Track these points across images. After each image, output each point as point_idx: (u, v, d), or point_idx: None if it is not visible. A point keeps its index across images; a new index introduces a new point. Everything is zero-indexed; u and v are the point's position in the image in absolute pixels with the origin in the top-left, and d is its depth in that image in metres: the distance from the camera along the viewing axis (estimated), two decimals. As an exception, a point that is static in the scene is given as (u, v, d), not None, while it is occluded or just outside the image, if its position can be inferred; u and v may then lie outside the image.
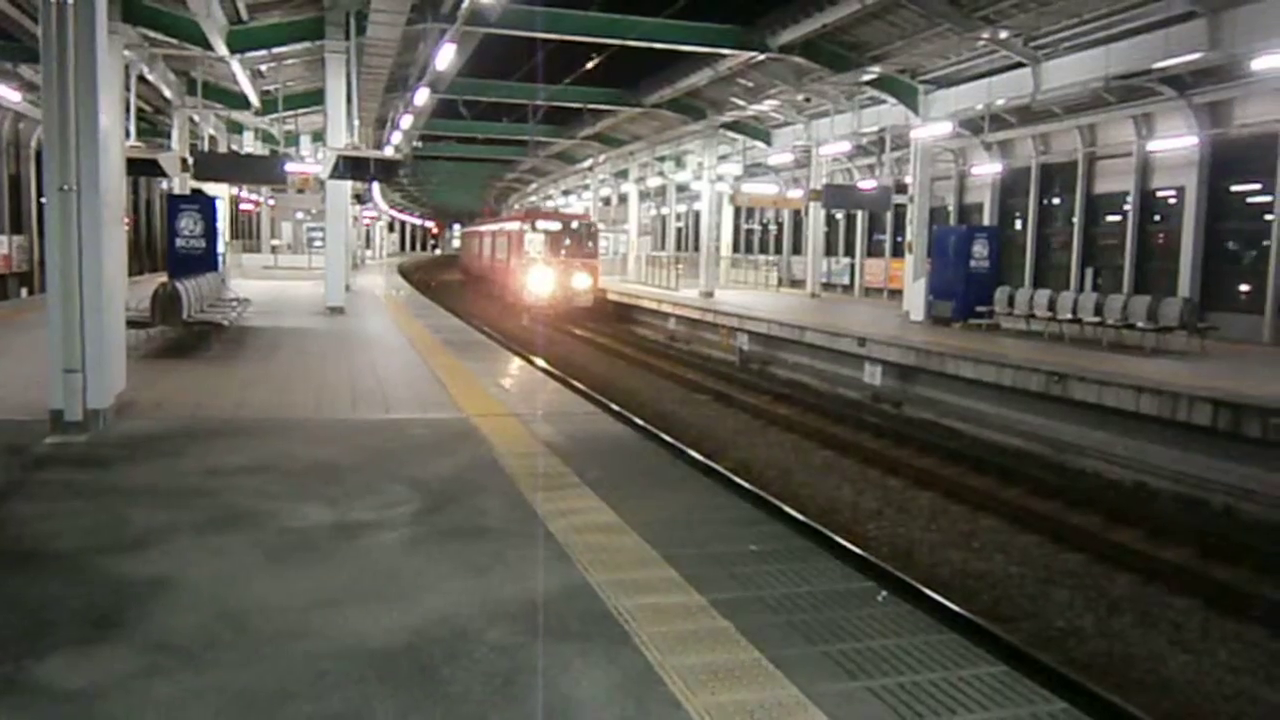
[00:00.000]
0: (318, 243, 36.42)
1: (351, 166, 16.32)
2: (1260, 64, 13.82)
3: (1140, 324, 15.07)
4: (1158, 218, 20.03)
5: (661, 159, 37.83)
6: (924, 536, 8.82)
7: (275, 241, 41.17)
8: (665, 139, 33.66)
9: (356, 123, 21.97)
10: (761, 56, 21.01)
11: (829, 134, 24.86)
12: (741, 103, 26.90)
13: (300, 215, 43.75)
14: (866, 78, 21.01)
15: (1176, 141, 18.69)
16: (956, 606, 6.78)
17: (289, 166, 19.40)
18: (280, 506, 5.31)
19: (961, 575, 7.85)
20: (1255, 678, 6.08)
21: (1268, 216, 17.08)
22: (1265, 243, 17.09)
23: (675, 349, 22.55)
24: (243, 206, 36.83)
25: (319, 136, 25.53)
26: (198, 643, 3.56)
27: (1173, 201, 19.41)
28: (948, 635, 3.90)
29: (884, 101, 21.95)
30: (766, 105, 26.65)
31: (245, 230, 41.54)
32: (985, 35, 17.38)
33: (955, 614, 6.60)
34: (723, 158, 31.85)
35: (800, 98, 24.72)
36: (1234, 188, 18.09)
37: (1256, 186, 17.52)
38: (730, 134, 30.02)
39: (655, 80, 27.31)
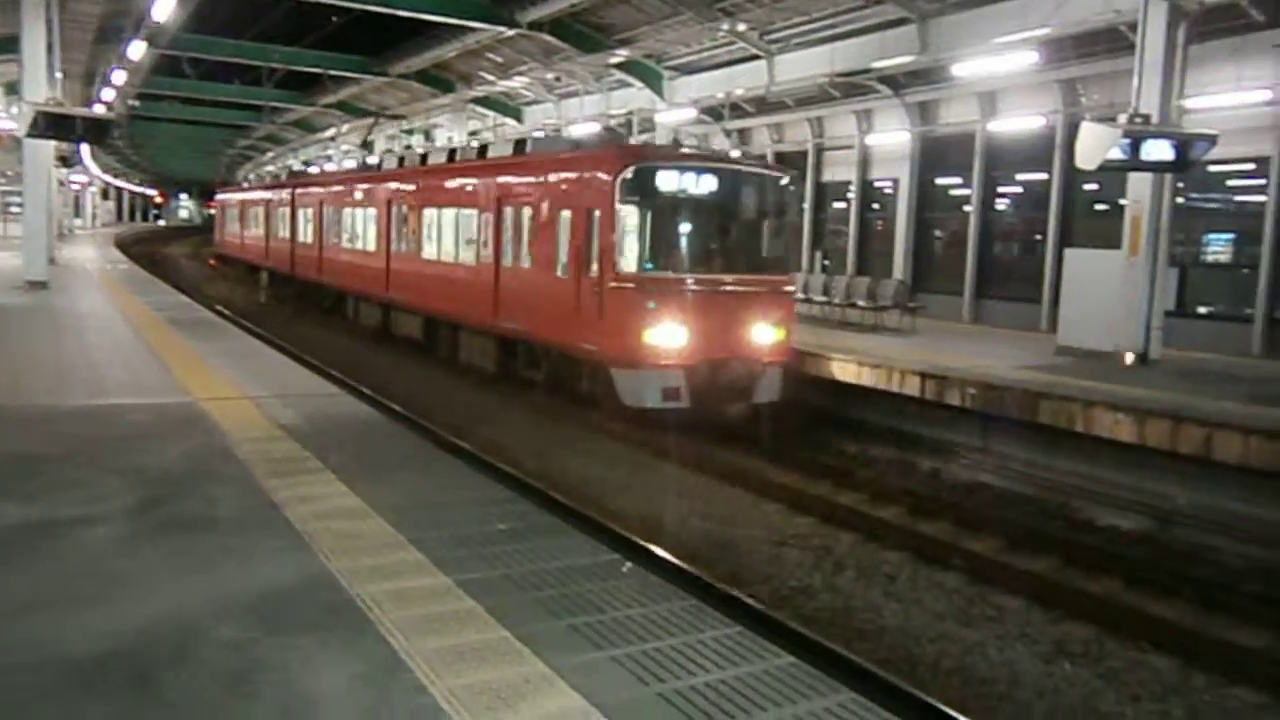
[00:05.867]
0: (14, 209, 32.41)
1: (54, 124, 14.58)
2: (960, 69, 15.37)
3: (861, 303, 16.37)
4: (876, 206, 21.81)
5: (409, 131, 36.75)
6: (673, 508, 9.15)
7: (-40, 207, 36.28)
8: (414, 110, 32.74)
9: (59, 75, 19.69)
10: (511, 32, 20.88)
11: (579, 114, 25.11)
12: (492, 78, 26.64)
13: (-8, 177, 38.76)
14: (614, 60, 21.41)
15: (892, 137, 20.42)
16: (698, 571, 7.09)
17: (-25, 121, 17.12)
18: (-35, 506, 4.70)
19: (707, 544, 8.22)
20: (955, 621, 6.80)
21: (966, 208, 19.05)
22: (964, 232, 19.07)
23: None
24: (-82, 165, 32.07)
25: (13, 89, 22.67)
26: None
27: (889, 191, 21.20)
28: (689, 601, 4.07)
29: (631, 85, 22.45)
30: (517, 82, 26.55)
31: (-78, 193, 36.27)
32: (725, 26, 18.22)
33: (697, 579, 6.90)
34: (473, 133, 31.42)
35: (550, 76, 24.82)
36: (939, 180, 20.02)
37: (958, 180, 19.48)
38: (480, 109, 29.67)
39: (403, 50, 26.46)
